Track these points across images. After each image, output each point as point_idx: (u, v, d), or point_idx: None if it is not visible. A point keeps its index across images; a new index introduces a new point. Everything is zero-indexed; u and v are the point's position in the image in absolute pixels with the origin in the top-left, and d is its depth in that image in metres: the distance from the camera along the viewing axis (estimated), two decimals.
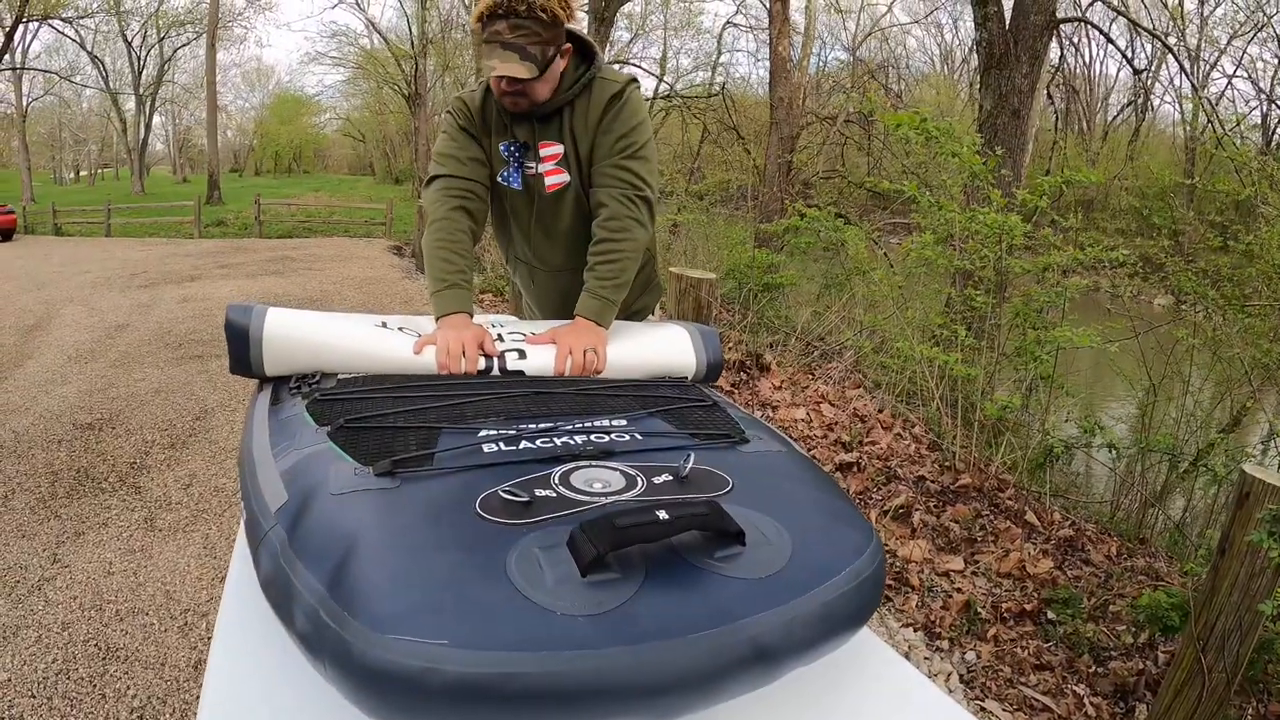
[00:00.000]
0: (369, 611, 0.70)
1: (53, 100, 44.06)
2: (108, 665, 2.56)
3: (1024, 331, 4.05)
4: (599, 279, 1.73)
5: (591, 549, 0.75)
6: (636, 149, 1.78)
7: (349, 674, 0.69)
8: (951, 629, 2.98)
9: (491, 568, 0.76)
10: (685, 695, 0.72)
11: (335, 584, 0.74)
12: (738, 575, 0.81)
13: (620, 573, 0.77)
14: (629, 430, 1.14)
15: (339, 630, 0.70)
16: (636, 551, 0.80)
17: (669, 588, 0.77)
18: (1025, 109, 7.14)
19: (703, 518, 0.82)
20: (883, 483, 4.00)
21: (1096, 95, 29.13)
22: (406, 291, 9.72)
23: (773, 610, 0.78)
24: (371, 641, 0.68)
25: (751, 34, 27.23)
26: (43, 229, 23.95)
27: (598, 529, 0.77)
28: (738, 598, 0.78)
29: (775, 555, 0.85)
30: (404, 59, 29.47)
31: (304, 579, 0.77)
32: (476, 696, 0.66)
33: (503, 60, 1.62)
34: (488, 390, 1.31)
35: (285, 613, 0.78)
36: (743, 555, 0.83)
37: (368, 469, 0.96)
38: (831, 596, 0.82)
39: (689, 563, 0.81)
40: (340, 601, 0.72)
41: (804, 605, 0.80)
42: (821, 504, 1.00)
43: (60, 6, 28.89)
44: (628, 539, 0.77)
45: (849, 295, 6.87)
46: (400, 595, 0.72)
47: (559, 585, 0.74)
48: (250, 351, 1.38)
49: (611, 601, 0.74)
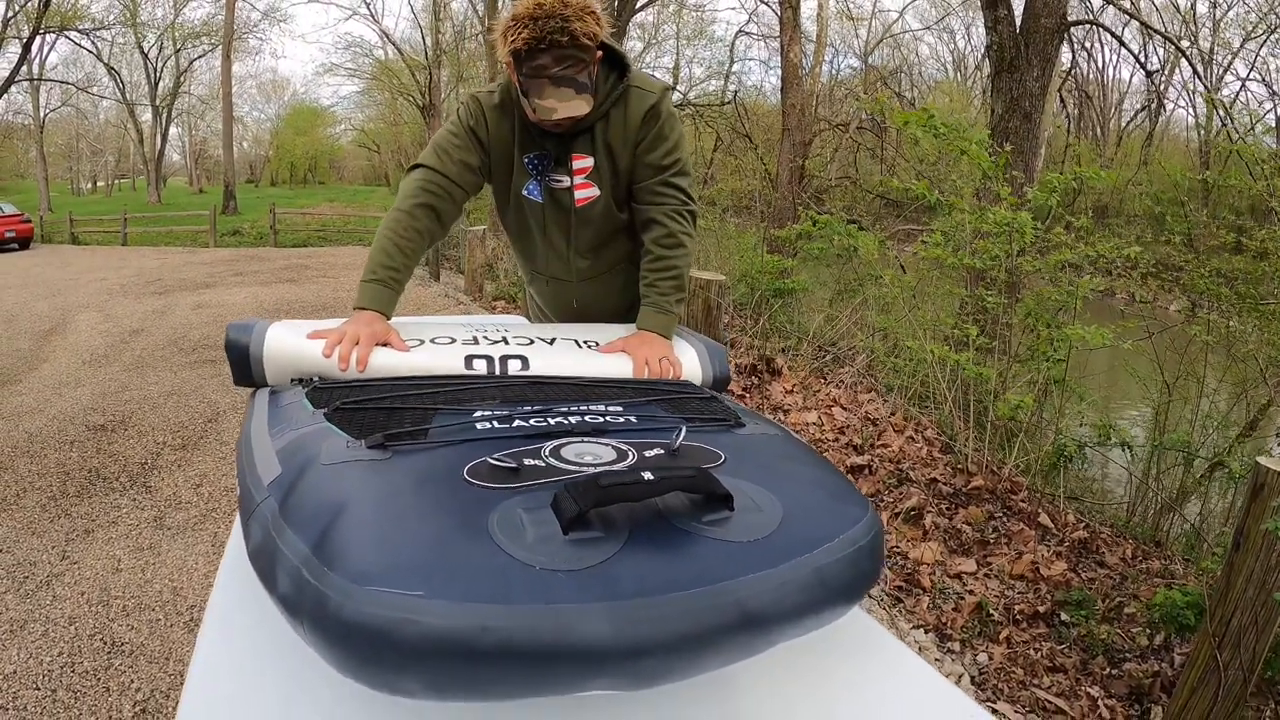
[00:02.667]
0: (348, 566, 0.69)
1: (70, 111, 44.49)
2: (113, 659, 2.56)
3: (1036, 332, 4.00)
4: (661, 294, 1.71)
5: (574, 506, 0.74)
6: (680, 165, 1.76)
7: (326, 629, 0.68)
8: (963, 630, 2.94)
9: (474, 526, 0.75)
10: (667, 659, 0.69)
11: (319, 544, 0.74)
12: (725, 538, 0.79)
13: (603, 532, 0.76)
14: (624, 414, 1.14)
15: (318, 585, 0.69)
16: (621, 513, 0.79)
17: (653, 548, 0.75)
18: (1037, 112, 7.09)
19: (689, 479, 0.81)
20: (894, 485, 3.97)
21: (1110, 101, 29.00)
22: (420, 298, 9.75)
23: (761, 573, 0.75)
24: (348, 593, 0.67)
25: (763, 42, 27.31)
26: (60, 238, 24.23)
27: (581, 488, 0.76)
28: (724, 560, 0.76)
29: (765, 521, 0.83)
30: (418, 70, 29.65)
31: (290, 542, 0.76)
32: (452, 650, 0.64)
33: (561, 100, 1.56)
34: (489, 381, 1.30)
35: (270, 578, 0.77)
36: (731, 520, 0.81)
37: (360, 442, 0.96)
38: (824, 562, 0.80)
39: (675, 526, 0.79)
40: (322, 559, 0.71)
41: (795, 570, 0.77)
42: (816, 479, 0.98)
43: (77, 18, 29.28)
44: (610, 497, 0.75)
45: (861, 299, 6.84)
46: (380, 551, 0.71)
47: (540, 542, 0.73)
48: (252, 369, 1.39)
49: (593, 559, 0.72)
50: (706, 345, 1.66)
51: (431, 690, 0.66)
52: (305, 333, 1.43)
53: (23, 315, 9.26)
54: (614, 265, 1.93)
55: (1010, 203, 3.85)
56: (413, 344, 1.45)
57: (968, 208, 4.17)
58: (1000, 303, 4.06)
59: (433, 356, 1.41)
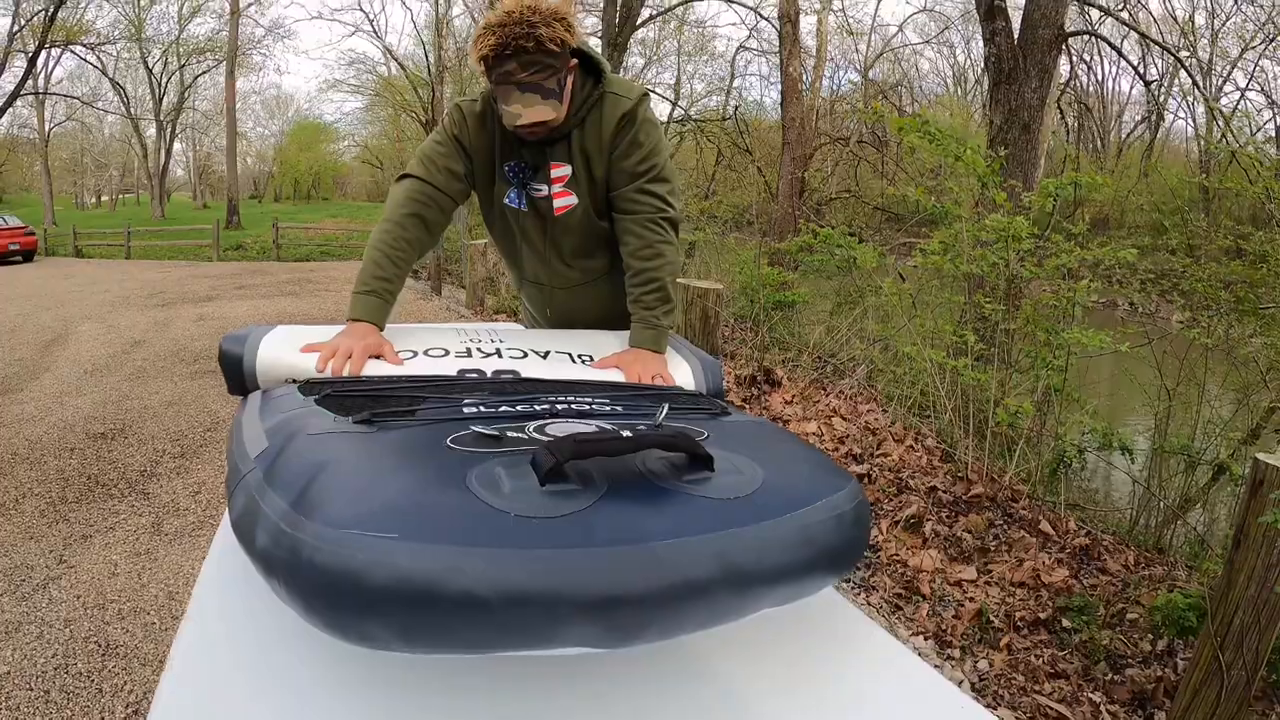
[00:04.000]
0: (325, 513, 0.69)
1: (75, 126, 44.80)
2: (106, 661, 2.54)
3: (1035, 338, 3.99)
4: (647, 308, 1.68)
5: (551, 458, 0.73)
6: (656, 172, 1.72)
7: (302, 575, 0.67)
8: (963, 637, 2.92)
9: (452, 480, 0.75)
10: (644, 612, 0.68)
11: (298, 499, 0.74)
12: (706, 495, 0.78)
13: (580, 486, 0.75)
14: (611, 404, 1.14)
15: (294, 533, 0.69)
16: (599, 470, 0.78)
17: (631, 501, 0.75)
18: (1036, 124, 7.11)
19: (669, 438, 0.80)
20: (894, 493, 3.95)
21: (1110, 113, 29.10)
22: (421, 311, 9.78)
23: (745, 527, 0.75)
24: (324, 537, 0.66)
25: (764, 58, 27.41)
26: (63, 251, 24.35)
27: (558, 443, 0.75)
28: (705, 513, 0.75)
29: (747, 481, 0.82)
30: (421, 86, 29.83)
31: (271, 501, 0.76)
32: (422, 592, 0.63)
33: (526, 105, 1.55)
34: (479, 380, 1.30)
35: (250, 538, 0.76)
36: (712, 480, 0.81)
37: (347, 418, 0.97)
38: (808, 523, 0.79)
39: (655, 484, 0.79)
40: (300, 511, 0.71)
41: (779, 527, 0.77)
42: (798, 455, 0.98)
43: (82, 33, 29.54)
44: (588, 450, 0.75)
45: (861, 309, 6.83)
46: (357, 499, 0.71)
47: (517, 493, 0.72)
48: (246, 382, 1.39)
49: (569, 508, 0.71)
50: (700, 359, 1.65)
51: (401, 638, 0.65)
52: (299, 345, 1.43)
53: (26, 326, 9.28)
54: (599, 273, 1.91)
55: (1006, 208, 3.86)
56: (406, 355, 1.45)
57: (966, 215, 4.17)
58: (999, 310, 4.05)
59: (425, 369, 1.41)
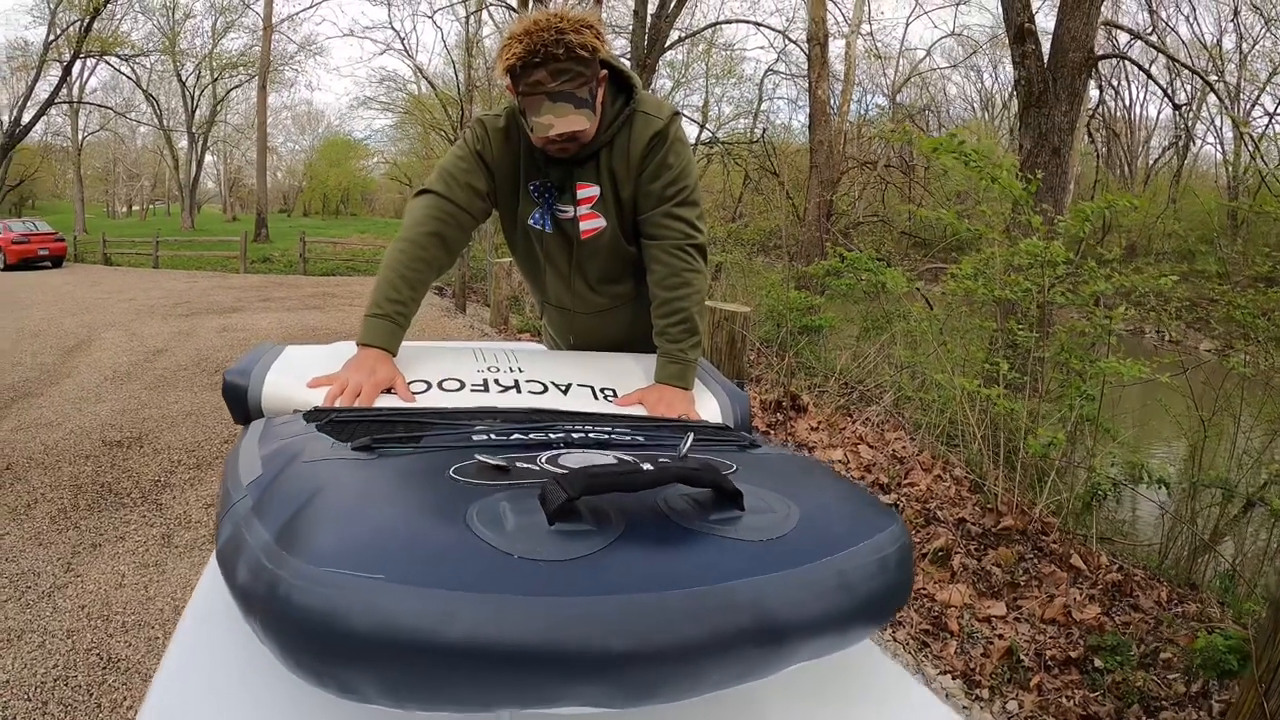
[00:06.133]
0: (307, 548, 0.62)
1: (108, 135, 45.53)
2: (107, 675, 2.49)
3: (1068, 368, 3.88)
4: (672, 341, 1.60)
5: (562, 493, 0.65)
6: (685, 195, 1.65)
7: (279, 616, 0.60)
8: (992, 677, 2.81)
9: (450, 515, 0.67)
10: (664, 668, 0.59)
11: (282, 531, 0.67)
12: (735, 537, 0.69)
13: (594, 525, 0.67)
14: (632, 434, 1.06)
15: (273, 569, 0.62)
16: (615, 507, 0.70)
17: (650, 543, 0.66)
18: (1065, 147, 7.02)
19: (693, 471, 0.71)
20: (921, 525, 3.84)
21: (1137, 139, 28.88)
22: (445, 329, 9.77)
23: (777, 574, 0.66)
24: (303, 575, 0.59)
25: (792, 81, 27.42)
26: (92, 258, 24.73)
27: (570, 477, 0.67)
28: (735, 557, 0.66)
29: (780, 521, 0.73)
30: (451, 105, 30.08)
31: (255, 532, 0.70)
32: (412, 643, 0.56)
33: (558, 115, 1.47)
34: (494, 407, 1.24)
35: (231, 572, 0.69)
36: (742, 520, 0.72)
37: (346, 444, 0.90)
38: (849, 567, 0.70)
39: (677, 524, 0.70)
40: (282, 544, 0.64)
41: (816, 572, 0.68)
42: (836, 490, 0.89)
43: (117, 45, 30.08)
44: (602, 485, 0.67)
45: (889, 335, 6.74)
46: (342, 533, 0.64)
47: (521, 532, 0.64)
48: (250, 416, 1.33)
49: (580, 550, 0.63)
50: (727, 390, 1.57)
51: (385, 692, 0.57)
52: (306, 376, 1.37)
53: (50, 331, 9.37)
54: (625, 299, 1.83)
55: (1042, 232, 3.76)
56: (418, 388, 1.38)
57: (998, 238, 4.07)
58: (1031, 338, 3.94)
59: (438, 405, 1.33)
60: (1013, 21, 7.53)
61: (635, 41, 15.37)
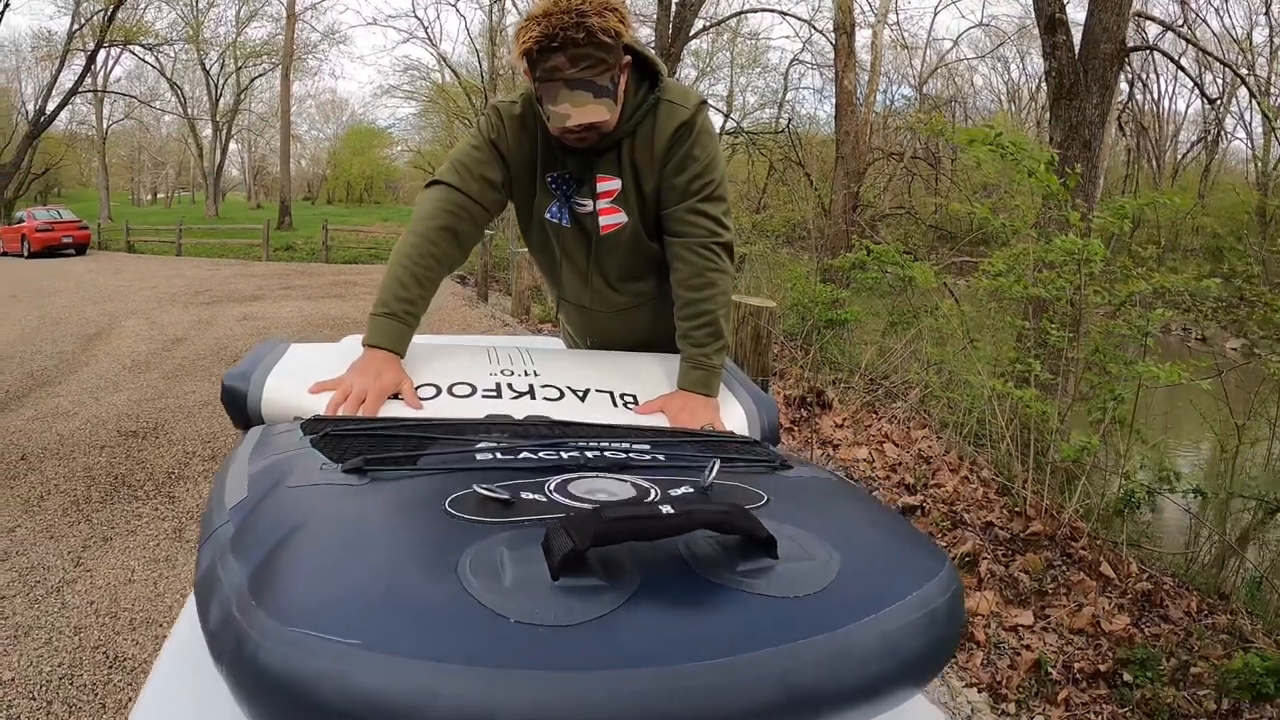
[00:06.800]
0: (278, 601, 0.55)
1: (133, 124, 45.96)
2: (112, 674, 2.44)
3: (1103, 369, 3.75)
4: (697, 345, 1.51)
5: (568, 543, 0.57)
6: (711, 190, 1.55)
7: (245, 676, 0.54)
8: (1019, 690, 2.71)
9: (440, 565, 0.59)
10: None
11: (256, 573, 0.60)
12: (767, 593, 0.61)
13: (605, 580, 0.59)
14: (651, 452, 0.97)
15: (243, 621, 0.55)
16: (629, 557, 0.62)
17: (670, 602, 0.58)
18: (1096, 141, 6.86)
19: (720, 515, 0.63)
20: (948, 529, 3.74)
21: (1165, 133, 28.47)
22: (466, 319, 9.74)
23: (816, 637, 0.58)
24: (271, 635, 0.53)
25: (818, 71, 27.23)
26: (116, 245, 24.97)
27: (578, 522, 0.59)
28: (766, 618, 0.59)
29: (818, 571, 0.65)
30: (474, 93, 30.05)
31: (230, 571, 0.63)
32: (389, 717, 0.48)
33: (576, 104, 1.38)
34: (503, 420, 1.16)
35: (205, 610, 0.63)
36: (774, 570, 0.64)
37: (336, 465, 0.83)
38: (894, 627, 0.62)
39: (701, 576, 0.62)
40: (254, 591, 0.57)
41: (858, 636, 0.60)
42: (880, 524, 0.80)
43: (141, 34, 30.27)
44: (616, 533, 0.59)
45: (915, 331, 6.62)
46: (318, 586, 0.57)
47: (520, 587, 0.56)
48: (251, 422, 1.28)
49: (589, 612, 0.55)
50: (754, 396, 1.48)
51: None
52: (309, 380, 1.30)
53: (70, 319, 9.42)
54: (647, 297, 1.74)
55: (1079, 229, 3.63)
56: (427, 393, 1.31)
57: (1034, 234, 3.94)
58: (1064, 337, 3.81)
59: (447, 412, 1.26)
60: (1044, 12, 7.37)
61: (660, 30, 15.21)
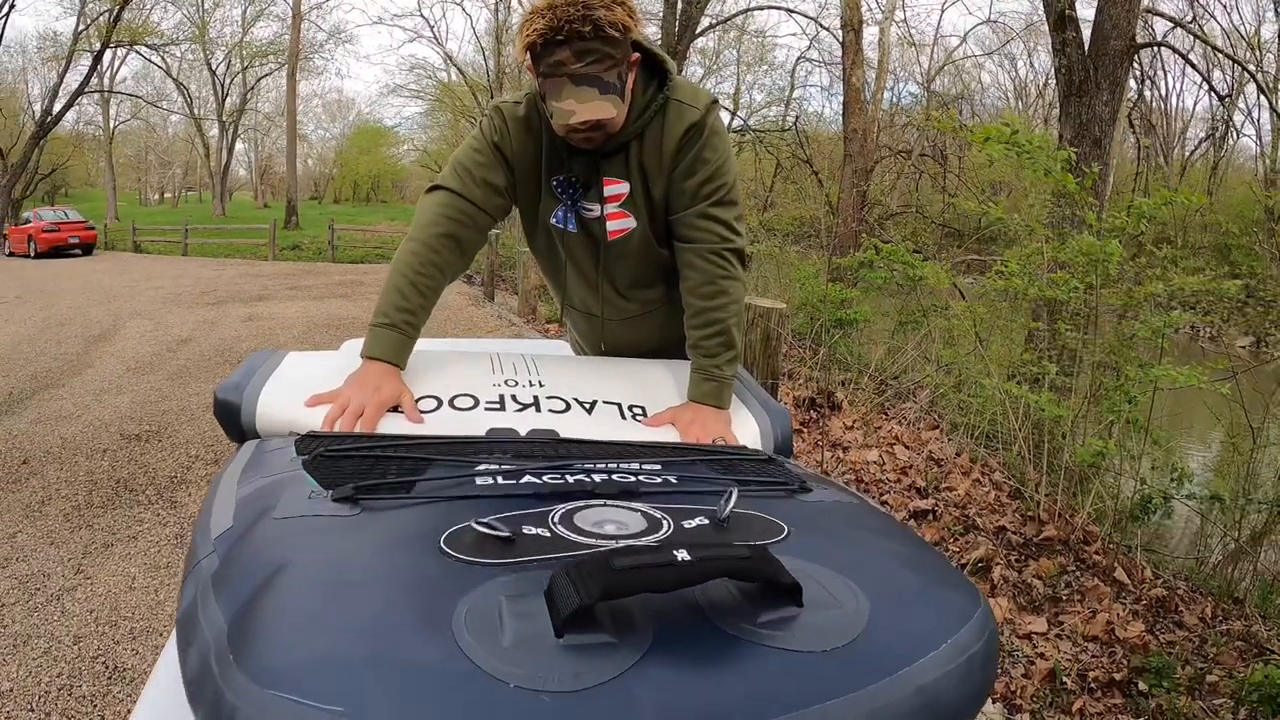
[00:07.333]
0: (257, 659, 0.51)
1: (139, 124, 46.14)
2: (112, 686, 2.40)
3: (1118, 371, 3.68)
4: (707, 355, 1.46)
5: (574, 597, 0.52)
6: (723, 194, 1.50)
7: None
8: (1033, 700, 2.66)
9: (434, 618, 0.54)
10: None
11: (235, 622, 0.56)
12: (792, 647, 0.57)
13: (615, 635, 0.54)
14: (662, 474, 0.92)
15: (219, 679, 0.51)
16: (641, 608, 0.57)
17: (687, 660, 0.54)
18: (1106, 138, 6.79)
19: (741, 561, 0.58)
20: (960, 533, 3.69)
21: (1174, 130, 28.37)
22: (472, 318, 9.70)
23: (845, 697, 0.53)
24: (247, 698, 0.49)
25: (825, 69, 27.12)
26: (122, 246, 25.02)
27: (586, 571, 0.54)
28: (792, 677, 0.54)
29: (847, 620, 0.61)
30: (480, 92, 30.05)
31: (211, 615, 0.59)
32: None
33: (581, 99, 1.33)
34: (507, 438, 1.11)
35: (185, 651, 0.59)
36: (799, 619, 0.59)
37: (326, 493, 0.78)
38: (929, 679, 0.57)
39: (719, 628, 0.57)
40: (233, 644, 0.53)
41: (891, 691, 0.55)
42: (908, 559, 0.76)
43: (146, 34, 30.27)
44: (628, 585, 0.54)
45: (925, 331, 6.55)
46: (300, 643, 0.52)
47: (521, 647, 0.52)
48: (245, 436, 1.24)
49: (597, 675, 0.50)
50: (767, 407, 1.44)
51: None
52: (305, 393, 1.26)
53: (76, 320, 9.41)
54: (657, 303, 1.69)
55: (1095, 228, 3.56)
56: (428, 405, 1.26)
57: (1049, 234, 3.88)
58: (1079, 339, 3.75)
59: (448, 427, 1.22)
60: (1053, 8, 7.29)
61: (666, 28, 15.14)
